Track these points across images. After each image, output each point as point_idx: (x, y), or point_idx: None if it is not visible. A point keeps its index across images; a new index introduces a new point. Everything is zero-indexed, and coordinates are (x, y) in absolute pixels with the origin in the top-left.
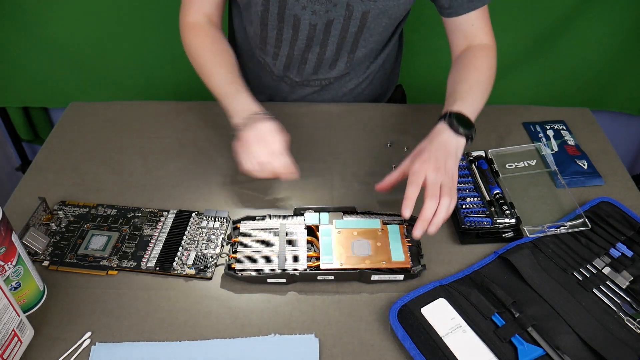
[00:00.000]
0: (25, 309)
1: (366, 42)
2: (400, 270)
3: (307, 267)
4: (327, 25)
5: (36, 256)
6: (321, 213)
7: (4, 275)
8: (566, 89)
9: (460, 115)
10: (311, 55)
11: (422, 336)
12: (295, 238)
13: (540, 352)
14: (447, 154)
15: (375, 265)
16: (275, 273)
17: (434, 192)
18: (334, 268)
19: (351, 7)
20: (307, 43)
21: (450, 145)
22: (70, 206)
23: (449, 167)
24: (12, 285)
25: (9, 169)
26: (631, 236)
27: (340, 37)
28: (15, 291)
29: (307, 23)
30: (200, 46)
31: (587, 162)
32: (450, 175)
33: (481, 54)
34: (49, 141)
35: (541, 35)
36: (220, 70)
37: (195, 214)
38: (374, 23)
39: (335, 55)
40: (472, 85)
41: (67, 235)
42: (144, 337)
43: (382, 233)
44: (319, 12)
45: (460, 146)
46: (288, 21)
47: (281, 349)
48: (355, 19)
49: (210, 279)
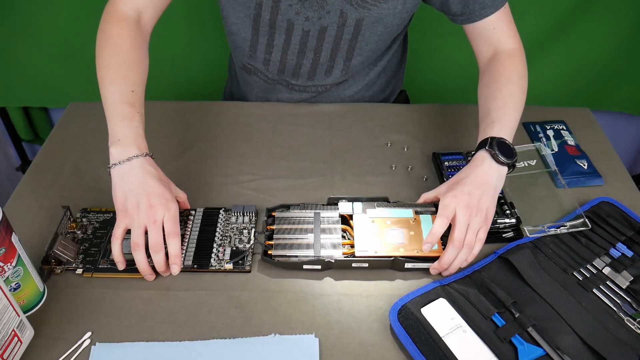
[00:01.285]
0: (24, 309)
1: (362, 50)
2: (433, 259)
3: (342, 254)
4: (320, 31)
5: (68, 265)
6: (354, 203)
7: (3, 276)
8: (566, 89)
9: (502, 141)
10: (305, 61)
11: (422, 336)
12: (329, 226)
13: (540, 352)
14: (485, 188)
15: (409, 253)
16: (312, 259)
17: (458, 237)
18: (369, 255)
19: (345, 15)
20: (300, 49)
21: (490, 177)
22: (93, 213)
23: (482, 204)
24: (12, 286)
25: (9, 169)
26: (631, 236)
27: (335, 44)
28: (15, 292)
29: (300, 29)
30: (117, 45)
31: (587, 162)
32: (483, 214)
33: (510, 62)
34: (49, 141)
35: (541, 35)
36: (122, 83)
37: (223, 210)
38: (368, 31)
39: (330, 61)
40: (507, 101)
41: (95, 242)
42: (144, 337)
43: (415, 223)
44: (311, 19)
45: (502, 176)
46: (280, 27)
47: (281, 349)
48: (349, 26)
49: (249, 272)
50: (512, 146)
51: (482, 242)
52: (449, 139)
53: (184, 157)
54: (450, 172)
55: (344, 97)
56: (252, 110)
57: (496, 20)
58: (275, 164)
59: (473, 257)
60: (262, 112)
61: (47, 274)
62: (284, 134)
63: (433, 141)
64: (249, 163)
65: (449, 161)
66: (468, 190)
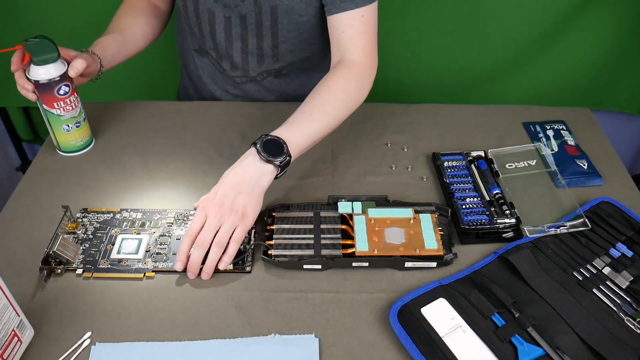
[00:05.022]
0: (82, 148)
1: (285, 37)
2: (434, 258)
3: (342, 254)
4: (241, 19)
5: (68, 265)
6: (354, 202)
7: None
8: (566, 89)
9: (271, 139)
10: (235, 52)
11: (422, 336)
12: (329, 226)
13: (540, 352)
14: (242, 187)
15: (409, 252)
16: (312, 259)
17: (201, 238)
18: (369, 254)
19: (259, 3)
20: (226, 37)
21: (249, 174)
22: (93, 213)
23: (237, 203)
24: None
25: (9, 169)
26: (631, 236)
27: (257, 31)
28: (78, 128)
29: (222, 16)
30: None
31: (587, 162)
32: (239, 213)
33: (342, 73)
34: (49, 141)
35: (541, 35)
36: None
37: None
38: (285, 18)
39: (258, 50)
40: (314, 109)
41: (95, 242)
42: (144, 337)
43: (415, 222)
44: (229, 6)
45: (265, 173)
46: (204, 16)
47: (281, 349)
48: (266, 13)
49: (250, 272)
50: (286, 148)
51: (238, 241)
52: (448, 139)
53: (183, 157)
54: (449, 172)
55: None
56: (252, 110)
57: (349, 24)
58: None
59: (228, 258)
60: (262, 112)
61: (48, 274)
62: None
63: (433, 141)
64: None
65: (448, 161)
66: (222, 192)
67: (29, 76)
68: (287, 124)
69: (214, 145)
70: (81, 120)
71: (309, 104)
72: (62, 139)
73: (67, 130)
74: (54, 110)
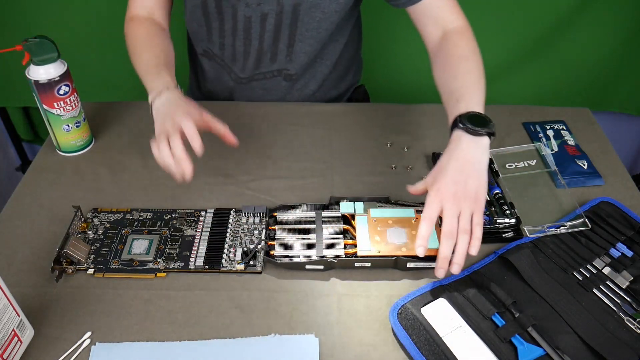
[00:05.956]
0: (82, 148)
1: (303, 36)
2: (435, 258)
3: (344, 254)
4: (262, 18)
5: (79, 265)
6: (356, 202)
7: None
8: (566, 89)
9: (472, 114)
10: (252, 50)
11: (422, 336)
12: (331, 226)
13: (540, 352)
14: (469, 169)
15: (411, 252)
16: (314, 260)
17: (446, 228)
18: (372, 255)
19: (282, 1)
20: (245, 35)
21: (471, 154)
22: (104, 213)
23: (469, 187)
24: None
25: (9, 169)
26: (631, 236)
27: (275, 32)
28: (78, 128)
29: (243, 15)
30: (135, 35)
31: (587, 162)
32: (473, 197)
33: (461, 40)
34: (49, 141)
35: (541, 35)
36: (147, 54)
37: (234, 211)
38: (307, 16)
39: (273, 48)
40: (466, 79)
41: (106, 242)
42: (144, 337)
43: (417, 222)
44: (251, 5)
45: (484, 147)
46: (227, 12)
47: (281, 349)
48: (287, 12)
49: (261, 272)
50: (484, 115)
51: (481, 225)
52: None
53: None
54: None
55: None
56: (252, 110)
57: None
58: (276, 164)
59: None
60: (262, 112)
61: (59, 274)
62: (284, 134)
63: (433, 141)
64: (249, 163)
65: None
66: (452, 179)
67: (29, 76)
68: (459, 100)
69: (214, 145)
70: (81, 120)
71: (459, 77)
72: (62, 139)
73: (67, 130)
74: (54, 110)
